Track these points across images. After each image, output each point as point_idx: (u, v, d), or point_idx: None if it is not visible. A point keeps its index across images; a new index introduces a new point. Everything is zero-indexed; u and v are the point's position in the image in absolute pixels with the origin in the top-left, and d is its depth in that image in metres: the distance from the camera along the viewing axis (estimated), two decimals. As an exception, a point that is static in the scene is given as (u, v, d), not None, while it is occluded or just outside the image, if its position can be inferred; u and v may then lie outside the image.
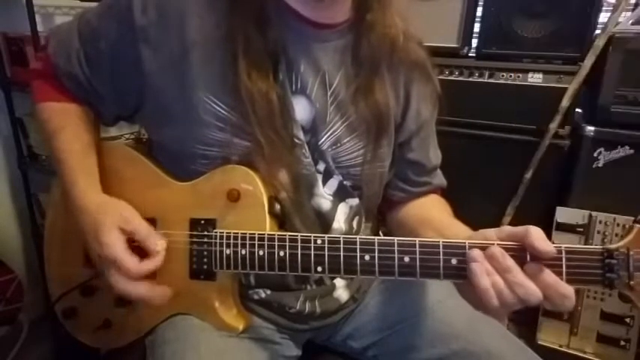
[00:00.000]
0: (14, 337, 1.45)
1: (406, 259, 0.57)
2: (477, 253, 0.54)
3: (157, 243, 0.66)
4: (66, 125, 0.73)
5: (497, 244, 0.53)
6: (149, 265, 0.65)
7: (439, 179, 0.84)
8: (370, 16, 0.69)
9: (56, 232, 0.81)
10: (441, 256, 0.56)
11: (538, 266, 0.52)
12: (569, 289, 0.51)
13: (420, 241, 0.57)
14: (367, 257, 0.58)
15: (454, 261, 0.56)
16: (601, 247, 0.53)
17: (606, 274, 0.52)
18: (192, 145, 0.67)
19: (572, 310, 0.52)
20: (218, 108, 0.66)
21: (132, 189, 0.73)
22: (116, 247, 0.63)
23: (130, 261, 0.63)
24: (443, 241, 0.56)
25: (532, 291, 0.51)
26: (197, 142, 0.67)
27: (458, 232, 0.66)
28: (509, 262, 0.52)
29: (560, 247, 0.53)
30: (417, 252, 0.56)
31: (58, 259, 0.81)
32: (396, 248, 0.57)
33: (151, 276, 0.70)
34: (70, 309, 0.77)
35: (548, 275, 0.51)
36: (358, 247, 0.59)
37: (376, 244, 0.58)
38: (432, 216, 0.77)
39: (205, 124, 0.66)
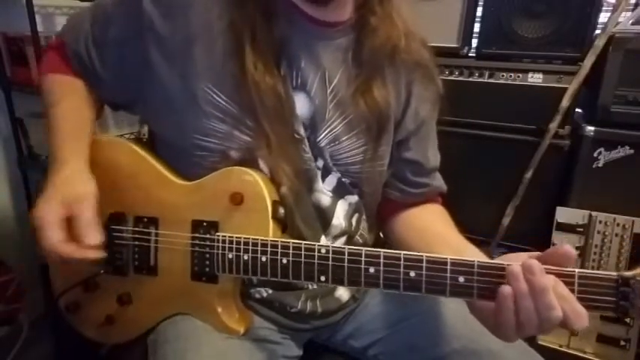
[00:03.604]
0: (14, 337, 1.44)
1: (412, 273, 0.56)
2: (517, 269, 0.51)
3: (90, 236, 0.62)
4: (67, 96, 0.74)
5: (509, 265, 0.52)
6: (69, 250, 0.62)
7: (439, 181, 0.83)
8: (374, 19, 0.69)
9: None
10: (448, 274, 0.54)
11: (553, 278, 0.50)
12: (582, 308, 0.50)
13: (427, 256, 0.55)
14: (372, 270, 0.57)
15: (461, 279, 0.54)
16: (616, 273, 0.51)
17: (620, 302, 0.50)
18: (191, 135, 0.67)
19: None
20: (218, 99, 0.66)
21: (135, 187, 0.73)
22: (46, 217, 0.62)
23: (53, 234, 0.61)
24: (451, 258, 0.54)
25: (554, 305, 0.49)
26: (196, 132, 0.67)
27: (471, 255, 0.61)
28: (546, 279, 0.50)
29: (573, 271, 0.51)
30: (424, 267, 0.55)
31: None
32: (402, 262, 0.56)
33: (153, 272, 0.71)
34: (73, 303, 0.78)
35: (563, 289, 0.50)
36: (363, 259, 0.57)
37: (382, 257, 0.57)
38: (438, 231, 0.75)
39: (205, 114, 0.66)
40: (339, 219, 0.74)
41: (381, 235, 0.90)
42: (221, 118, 0.66)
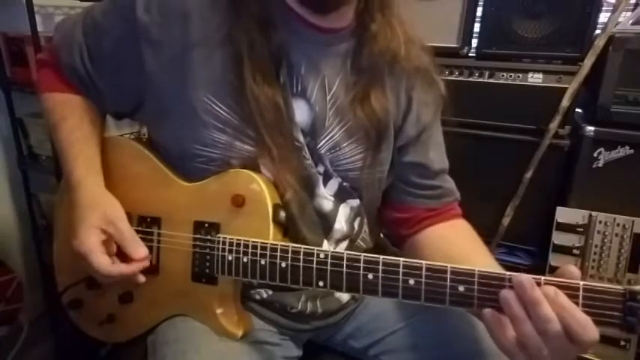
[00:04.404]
0: (14, 337, 1.44)
1: (411, 281, 0.55)
2: (509, 294, 0.50)
3: (138, 250, 0.67)
4: (68, 116, 0.74)
5: (509, 274, 0.51)
6: (120, 269, 0.66)
7: (450, 184, 0.81)
8: (374, 26, 0.69)
9: (64, 223, 0.81)
10: (448, 282, 0.53)
11: (553, 289, 0.49)
12: (586, 317, 0.48)
13: (426, 264, 0.54)
14: (370, 276, 0.57)
15: (461, 288, 0.53)
16: (623, 287, 0.49)
17: (627, 317, 0.48)
18: (191, 145, 0.67)
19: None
20: (218, 109, 0.66)
21: (139, 186, 0.73)
22: (89, 244, 0.65)
23: (100, 259, 0.65)
24: (451, 267, 0.54)
25: (550, 317, 0.48)
26: (196, 142, 0.67)
27: None
28: (537, 292, 0.48)
29: (578, 283, 0.50)
30: (423, 275, 0.54)
31: (67, 250, 0.81)
32: (401, 270, 0.55)
33: (154, 272, 0.71)
34: (76, 300, 0.78)
35: (564, 299, 0.49)
36: (362, 265, 0.57)
37: (381, 264, 0.56)
38: (463, 252, 0.73)
39: (204, 125, 0.66)
40: (340, 223, 0.74)
41: (382, 235, 0.90)
42: (221, 128, 0.66)
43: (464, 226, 0.80)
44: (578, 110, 1.41)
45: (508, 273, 0.51)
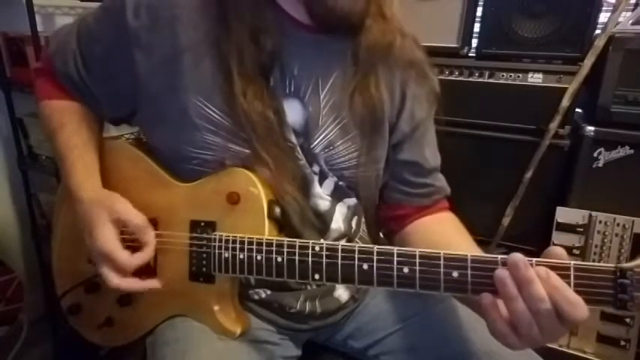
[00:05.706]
0: (14, 337, 1.44)
1: (405, 269, 0.55)
2: (504, 273, 0.50)
3: (149, 234, 0.68)
4: (66, 122, 0.74)
5: (502, 258, 0.51)
6: (140, 257, 0.66)
7: (441, 182, 0.81)
8: (367, 20, 0.68)
9: (63, 227, 0.81)
10: (442, 269, 0.54)
11: (545, 269, 0.49)
12: (577, 297, 0.48)
13: (420, 251, 0.55)
14: (365, 266, 0.57)
15: (455, 274, 0.53)
16: (614, 265, 0.49)
17: (618, 294, 0.49)
18: (185, 148, 0.67)
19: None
20: (210, 112, 0.66)
21: (135, 188, 0.73)
22: (109, 241, 0.65)
23: (123, 255, 0.65)
24: (444, 253, 0.54)
25: (542, 296, 0.48)
26: (189, 144, 0.67)
27: None
28: (530, 272, 0.49)
29: (569, 263, 0.50)
30: (417, 263, 0.54)
31: (65, 254, 0.81)
32: (395, 258, 0.56)
33: (152, 273, 0.71)
34: (75, 305, 0.78)
35: (556, 279, 0.49)
36: (356, 255, 0.57)
37: (375, 253, 0.56)
38: (450, 242, 0.72)
39: (197, 127, 0.66)
40: (338, 222, 0.74)
41: (381, 235, 0.89)
42: (214, 130, 0.66)
43: (449, 217, 0.81)
44: (578, 110, 1.42)
45: (500, 257, 0.52)
